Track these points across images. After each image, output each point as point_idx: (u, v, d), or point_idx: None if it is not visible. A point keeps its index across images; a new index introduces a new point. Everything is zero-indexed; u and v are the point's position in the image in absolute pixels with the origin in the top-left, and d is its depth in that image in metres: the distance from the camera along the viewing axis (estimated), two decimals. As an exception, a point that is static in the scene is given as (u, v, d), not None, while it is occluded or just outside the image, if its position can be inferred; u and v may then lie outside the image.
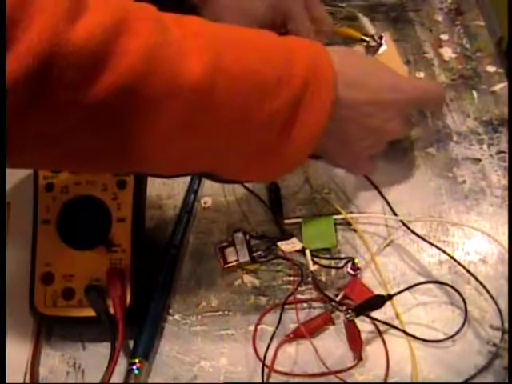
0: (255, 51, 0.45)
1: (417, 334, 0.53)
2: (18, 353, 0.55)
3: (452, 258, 0.56)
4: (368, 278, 0.57)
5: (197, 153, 0.45)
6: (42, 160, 0.43)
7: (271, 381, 0.52)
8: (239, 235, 0.57)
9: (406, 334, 0.53)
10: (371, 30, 0.66)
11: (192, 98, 0.41)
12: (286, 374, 0.53)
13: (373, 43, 0.65)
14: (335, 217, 0.59)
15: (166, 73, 0.39)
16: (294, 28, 0.61)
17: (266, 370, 0.52)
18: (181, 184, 0.62)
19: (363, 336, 0.53)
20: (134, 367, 0.52)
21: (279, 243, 0.56)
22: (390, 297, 0.53)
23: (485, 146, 0.63)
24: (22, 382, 0.54)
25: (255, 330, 0.55)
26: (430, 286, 0.56)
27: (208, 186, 0.62)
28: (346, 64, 0.50)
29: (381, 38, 0.65)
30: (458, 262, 0.56)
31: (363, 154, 0.56)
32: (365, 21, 0.68)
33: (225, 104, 0.42)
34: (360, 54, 0.56)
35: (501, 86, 0.67)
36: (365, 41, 0.66)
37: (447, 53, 0.70)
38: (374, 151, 0.56)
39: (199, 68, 0.40)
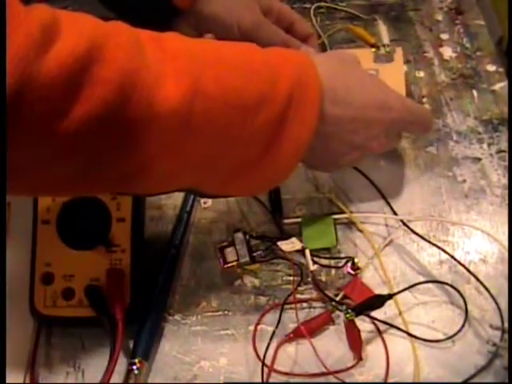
0: (236, 70, 0.43)
1: (417, 334, 0.53)
2: (17, 353, 0.55)
3: (452, 257, 0.56)
4: (368, 277, 0.57)
5: (178, 172, 0.44)
6: (16, 191, 0.42)
7: (271, 381, 0.52)
8: (239, 235, 0.57)
9: (407, 333, 0.53)
10: (386, 39, 0.67)
11: (170, 123, 0.40)
12: (285, 373, 0.53)
13: (383, 52, 0.65)
14: (335, 216, 0.59)
15: (142, 100, 0.38)
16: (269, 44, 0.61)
17: (266, 370, 0.52)
18: (181, 184, 0.62)
19: (363, 336, 0.53)
20: (134, 367, 0.52)
21: (279, 243, 0.56)
22: (389, 296, 0.53)
23: (485, 145, 0.63)
24: (21, 382, 0.54)
25: (255, 329, 0.55)
26: (430, 285, 0.56)
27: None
28: (334, 77, 0.49)
29: (393, 50, 0.65)
30: (458, 262, 0.56)
31: (344, 166, 0.56)
32: (382, 28, 0.68)
33: (204, 126, 0.42)
34: (353, 62, 0.54)
35: (501, 85, 0.67)
36: (376, 47, 0.66)
37: (447, 52, 0.70)
38: (356, 164, 0.57)
39: (177, 93, 0.39)
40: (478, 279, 0.55)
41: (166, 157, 0.42)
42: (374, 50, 0.65)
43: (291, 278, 0.57)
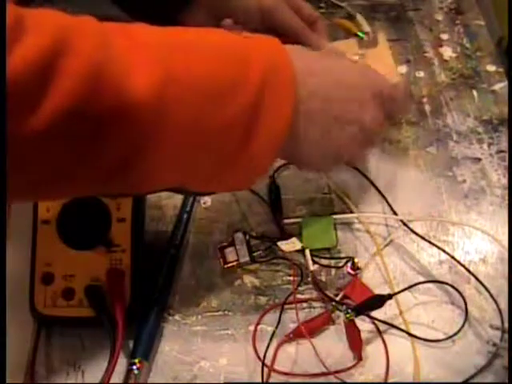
0: (206, 55, 0.43)
1: (417, 334, 0.53)
2: (17, 353, 0.55)
3: (452, 257, 0.56)
4: (368, 277, 0.57)
5: (159, 169, 0.43)
6: None
7: (271, 381, 0.52)
8: (239, 235, 0.57)
9: (407, 333, 0.53)
10: (366, 27, 0.68)
11: (143, 114, 0.39)
12: (285, 373, 0.53)
13: (365, 38, 0.66)
14: (335, 216, 0.59)
15: (111, 91, 0.37)
16: (287, 28, 0.62)
17: (266, 370, 0.52)
18: (181, 184, 0.62)
19: (363, 336, 0.53)
20: (134, 367, 0.52)
21: (279, 243, 0.56)
22: (389, 296, 0.53)
23: (485, 146, 0.63)
24: (21, 382, 0.54)
25: (255, 330, 0.55)
26: (430, 285, 0.56)
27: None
28: (306, 58, 0.49)
29: (375, 36, 0.66)
30: (458, 262, 0.56)
31: (344, 151, 0.51)
32: (361, 19, 0.69)
33: (178, 116, 0.41)
34: (325, 51, 0.55)
35: (501, 86, 0.67)
36: (359, 36, 0.67)
37: (447, 52, 0.70)
38: (360, 147, 0.52)
39: (147, 82, 0.38)
40: (477, 279, 0.55)
41: (144, 152, 0.41)
42: (358, 38, 0.67)
43: (291, 278, 0.57)
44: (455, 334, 0.53)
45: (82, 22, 0.38)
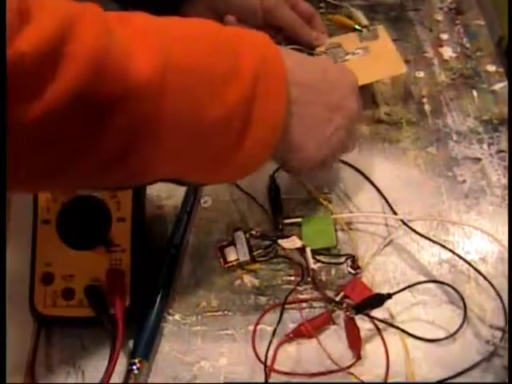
0: (202, 44, 0.44)
1: (416, 334, 0.53)
2: (17, 353, 0.54)
3: (454, 253, 0.56)
4: (368, 277, 0.57)
5: (158, 160, 0.43)
6: None
7: (271, 380, 0.52)
8: (239, 234, 0.57)
9: (405, 332, 0.53)
10: (364, 20, 0.69)
11: (144, 97, 0.39)
12: (286, 373, 0.53)
13: (366, 32, 0.67)
14: (335, 217, 0.59)
15: (114, 76, 0.38)
16: (287, 25, 0.63)
17: (266, 370, 0.52)
18: (181, 184, 0.62)
19: (363, 335, 0.53)
20: (134, 367, 0.52)
21: (280, 241, 0.56)
22: (389, 296, 0.53)
23: (485, 146, 0.63)
24: (21, 382, 0.54)
25: (255, 329, 0.55)
26: (430, 285, 0.56)
27: (208, 185, 0.62)
28: (291, 54, 0.51)
29: (375, 29, 0.67)
30: (461, 257, 0.56)
31: (335, 140, 0.53)
32: (358, 14, 0.70)
33: (177, 102, 0.41)
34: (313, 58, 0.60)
35: (501, 86, 0.67)
36: (358, 30, 0.67)
37: (447, 52, 0.70)
38: (347, 136, 0.54)
39: (148, 67, 0.39)
40: (481, 274, 0.55)
41: (144, 138, 0.41)
42: (357, 32, 0.68)
43: (291, 278, 0.57)
44: (455, 332, 0.53)
45: (85, 9, 0.39)
